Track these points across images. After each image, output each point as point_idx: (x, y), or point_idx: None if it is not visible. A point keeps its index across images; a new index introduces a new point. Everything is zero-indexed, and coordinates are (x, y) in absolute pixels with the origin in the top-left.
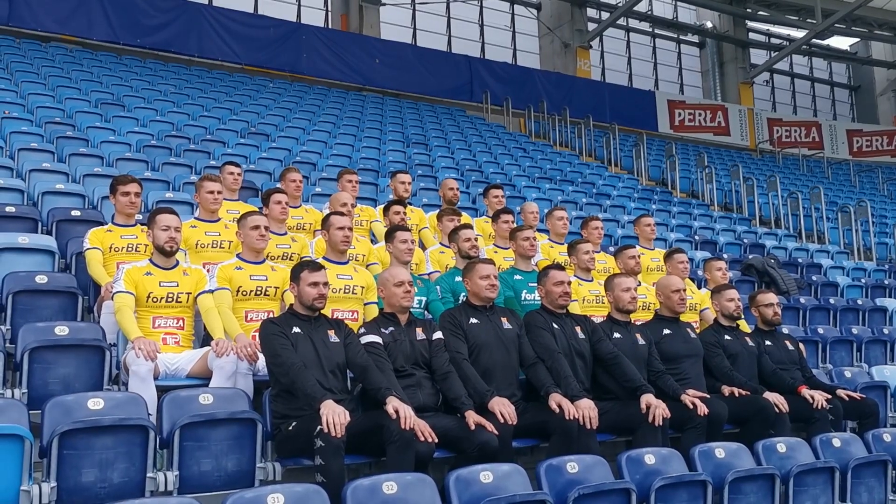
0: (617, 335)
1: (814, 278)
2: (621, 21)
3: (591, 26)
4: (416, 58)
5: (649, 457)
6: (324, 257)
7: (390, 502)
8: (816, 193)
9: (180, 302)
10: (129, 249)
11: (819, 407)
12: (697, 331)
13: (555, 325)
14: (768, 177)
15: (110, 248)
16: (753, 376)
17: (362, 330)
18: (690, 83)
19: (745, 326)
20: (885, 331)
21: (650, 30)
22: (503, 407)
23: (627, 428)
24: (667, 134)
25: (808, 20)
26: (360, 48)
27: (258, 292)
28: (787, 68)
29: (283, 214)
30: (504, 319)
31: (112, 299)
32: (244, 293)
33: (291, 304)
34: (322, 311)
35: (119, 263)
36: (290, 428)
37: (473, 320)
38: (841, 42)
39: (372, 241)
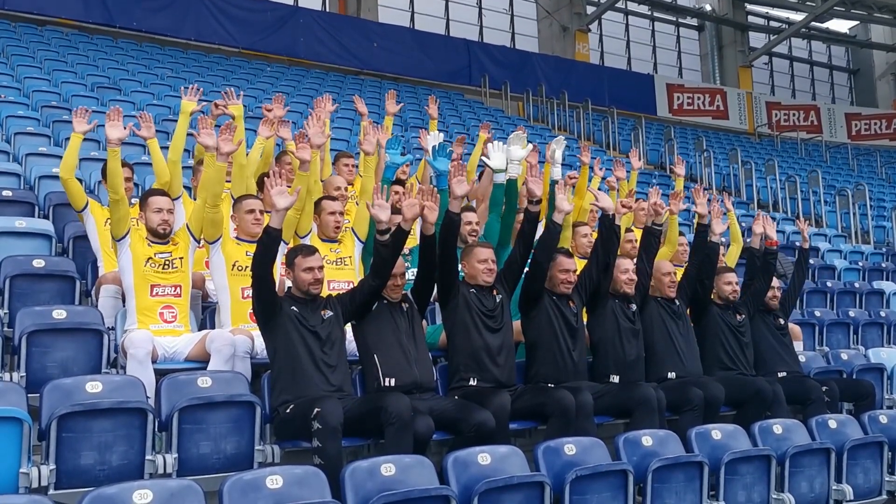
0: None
1: (811, 261)
2: (620, 4)
3: (590, 9)
4: (414, 41)
5: (646, 438)
6: (316, 235)
7: (389, 484)
8: (814, 177)
9: (176, 268)
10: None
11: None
12: None
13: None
14: (766, 160)
15: (106, 222)
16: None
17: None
18: (689, 67)
19: None
20: (882, 314)
21: (649, 13)
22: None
23: (625, 410)
24: (665, 118)
25: (808, 3)
26: (358, 32)
27: None
28: (786, 51)
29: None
30: (494, 292)
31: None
32: (239, 268)
33: (290, 288)
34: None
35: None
36: (288, 411)
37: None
38: (840, 25)
39: None
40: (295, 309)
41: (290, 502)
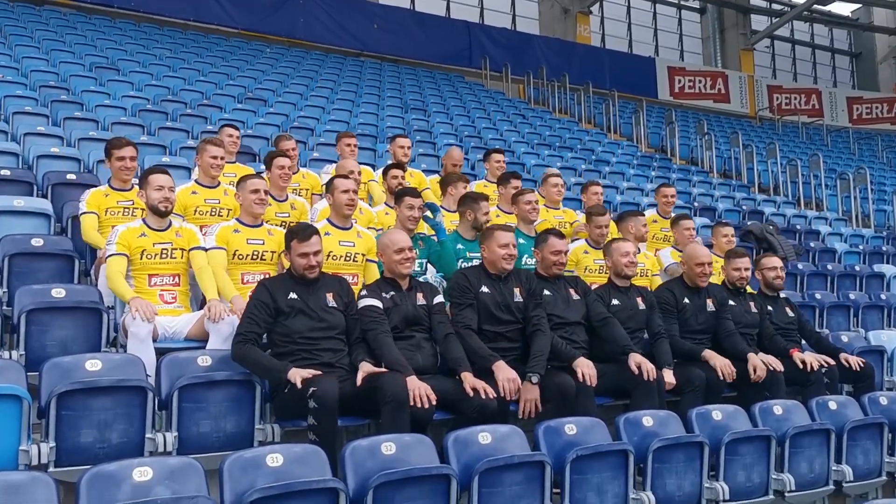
0: (615, 301)
1: (812, 245)
2: None
3: None
4: (414, 23)
5: (647, 419)
6: (328, 220)
7: (389, 463)
8: (815, 161)
9: (174, 258)
10: (126, 213)
11: (811, 370)
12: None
13: (546, 292)
14: (767, 144)
15: (106, 211)
16: (752, 341)
17: (363, 292)
18: (691, 49)
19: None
20: (883, 296)
21: None
22: (507, 375)
23: (625, 390)
24: (666, 101)
25: None
26: (358, 13)
27: (254, 256)
28: (788, 35)
29: (284, 180)
30: (517, 290)
31: (105, 262)
32: (240, 257)
33: (288, 268)
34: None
35: (115, 227)
36: (287, 391)
37: (485, 289)
38: (842, 8)
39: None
40: (294, 295)
41: (291, 480)
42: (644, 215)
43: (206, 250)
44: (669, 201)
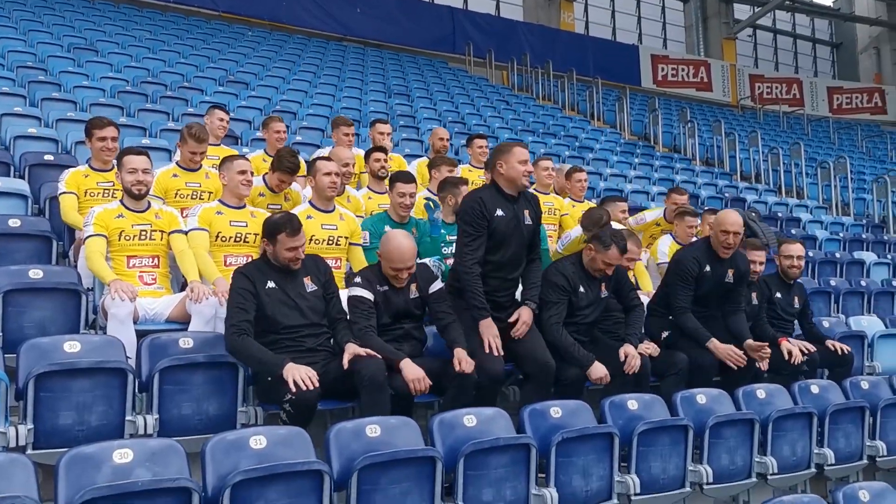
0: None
1: (793, 232)
2: None
3: None
4: (398, 8)
5: (632, 402)
6: (310, 202)
7: (374, 445)
8: (796, 149)
9: (153, 240)
10: (106, 195)
11: (794, 362)
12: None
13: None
14: (749, 132)
15: (86, 192)
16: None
17: (357, 279)
18: (674, 38)
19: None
20: (863, 283)
21: None
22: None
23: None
24: (650, 89)
25: None
26: None
27: (237, 238)
28: (770, 24)
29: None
30: (526, 213)
31: (84, 244)
32: (223, 239)
33: (266, 251)
34: None
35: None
36: (269, 379)
37: (500, 213)
38: None
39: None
40: (272, 284)
41: (274, 462)
42: (625, 201)
43: (186, 233)
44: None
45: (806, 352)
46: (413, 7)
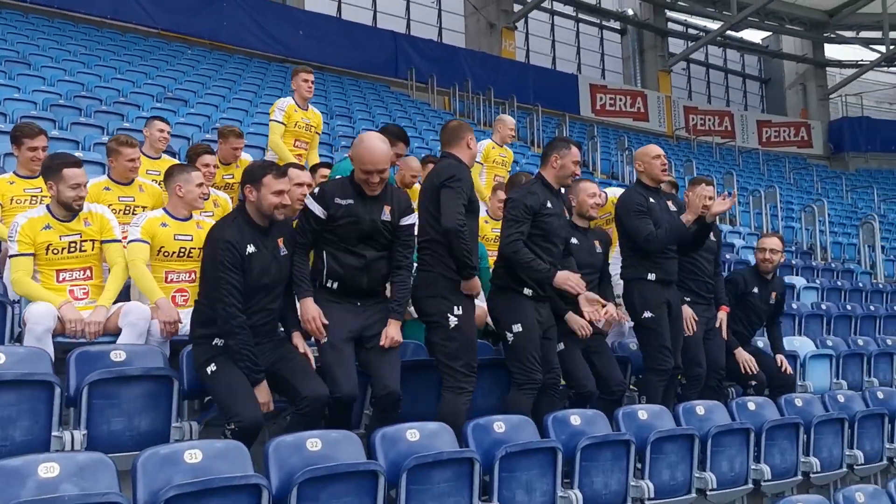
0: (574, 241)
1: (727, 256)
2: (546, 4)
3: (517, 7)
4: (340, 31)
5: (575, 418)
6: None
7: (315, 459)
8: (729, 179)
9: (84, 251)
10: (33, 201)
11: (747, 372)
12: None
13: (574, 241)
14: (684, 161)
15: (11, 200)
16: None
17: (316, 190)
18: (612, 69)
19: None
20: (794, 306)
21: (574, 14)
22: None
23: None
24: (588, 117)
25: (724, 12)
26: (283, 19)
27: (181, 253)
28: (703, 59)
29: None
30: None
31: (8, 261)
32: (166, 254)
33: (243, 206)
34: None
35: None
36: (209, 373)
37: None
38: (753, 35)
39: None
40: (254, 249)
41: (211, 476)
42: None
43: (123, 242)
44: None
45: (753, 371)
46: (355, 31)
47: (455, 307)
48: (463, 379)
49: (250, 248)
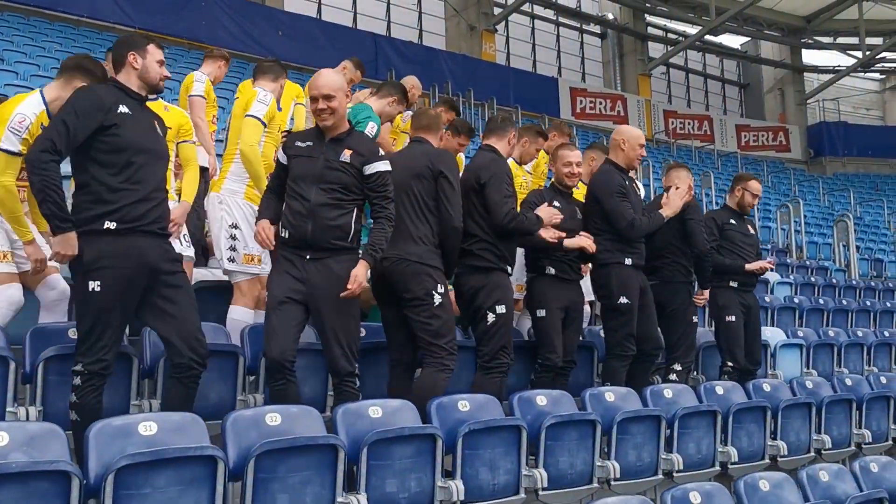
0: (556, 203)
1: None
2: (526, 7)
3: (497, 10)
4: (320, 32)
5: (541, 398)
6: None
7: (274, 433)
8: (707, 181)
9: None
10: None
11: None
12: None
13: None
14: (664, 164)
15: None
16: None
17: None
18: (592, 72)
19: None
20: (767, 299)
21: (554, 17)
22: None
23: None
24: (568, 120)
25: (703, 17)
26: (263, 19)
27: None
28: (683, 63)
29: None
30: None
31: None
32: None
33: (115, 78)
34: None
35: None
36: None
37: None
38: (733, 41)
39: None
40: (126, 110)
41: (164, 447)
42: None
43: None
44: None
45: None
46: (335, 31)
47: (439, 285)
48: (447, 357)
49: (123, 108)
